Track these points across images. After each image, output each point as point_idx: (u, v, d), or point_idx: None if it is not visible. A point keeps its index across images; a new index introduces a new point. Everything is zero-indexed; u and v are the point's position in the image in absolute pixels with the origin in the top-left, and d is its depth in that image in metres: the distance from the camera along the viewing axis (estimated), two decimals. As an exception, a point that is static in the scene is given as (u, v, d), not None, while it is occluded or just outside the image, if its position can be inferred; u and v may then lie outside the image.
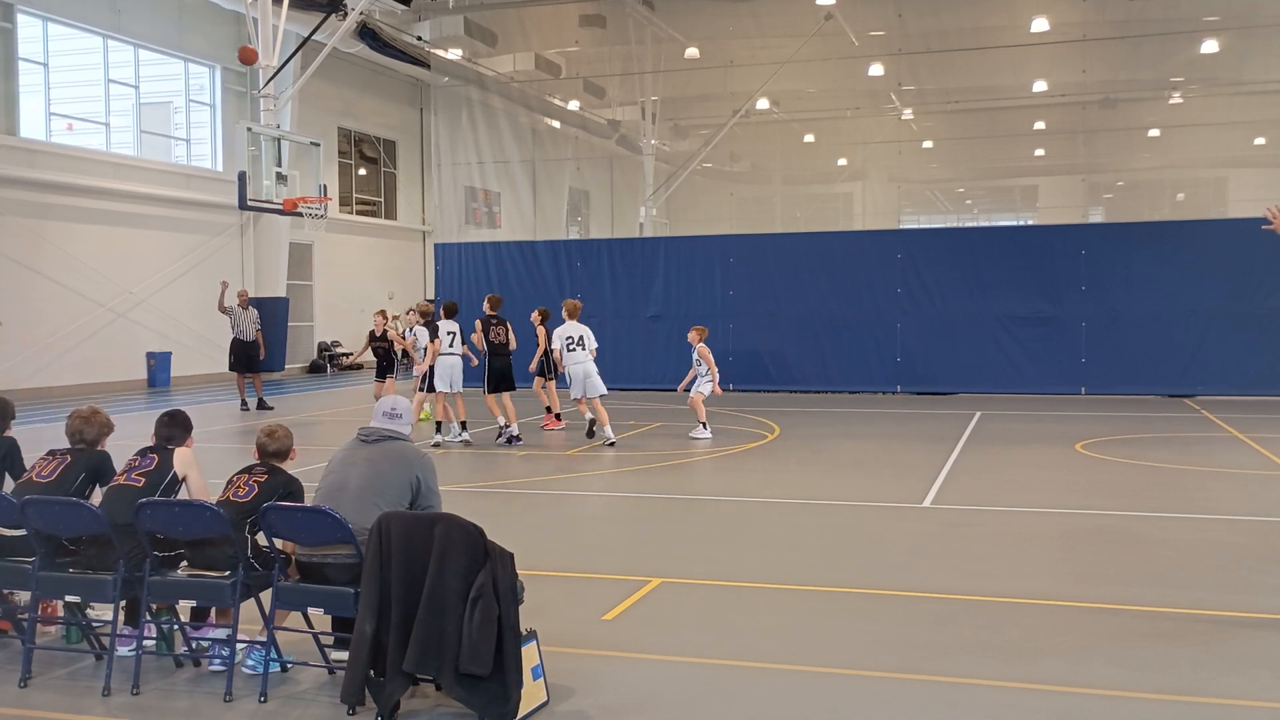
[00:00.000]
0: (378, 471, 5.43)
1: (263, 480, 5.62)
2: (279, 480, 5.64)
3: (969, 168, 39.84)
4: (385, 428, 5.64)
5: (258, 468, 5.75)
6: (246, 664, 5.52)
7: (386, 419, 5.68)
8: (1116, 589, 7.00)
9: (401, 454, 5.56)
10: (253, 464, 5.81)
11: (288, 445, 5.87)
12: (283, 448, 5.85)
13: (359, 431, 5.70)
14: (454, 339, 14.37)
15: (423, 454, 5.70)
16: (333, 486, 5.45)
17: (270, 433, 5.89)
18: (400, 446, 5.61)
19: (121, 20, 24.02)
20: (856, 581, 7.28)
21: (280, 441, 5.84)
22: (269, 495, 5.52)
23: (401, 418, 5.72)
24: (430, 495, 5.53)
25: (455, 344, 14.38)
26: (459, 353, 14.42)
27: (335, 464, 5.61)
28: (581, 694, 5.19)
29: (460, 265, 23.95)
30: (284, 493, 5.57)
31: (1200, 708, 5.02)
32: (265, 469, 5.72)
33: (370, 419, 5.73)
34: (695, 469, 12.54)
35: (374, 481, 5.38)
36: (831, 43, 28.64)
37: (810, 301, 21.54)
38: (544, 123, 34.48)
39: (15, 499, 5.60)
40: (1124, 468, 12.08)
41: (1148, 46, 28.71)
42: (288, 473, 5.75)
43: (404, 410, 5.77)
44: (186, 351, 25.33)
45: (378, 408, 5.76)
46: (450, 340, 14.33)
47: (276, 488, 5.59)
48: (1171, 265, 19.80)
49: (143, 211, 24.43)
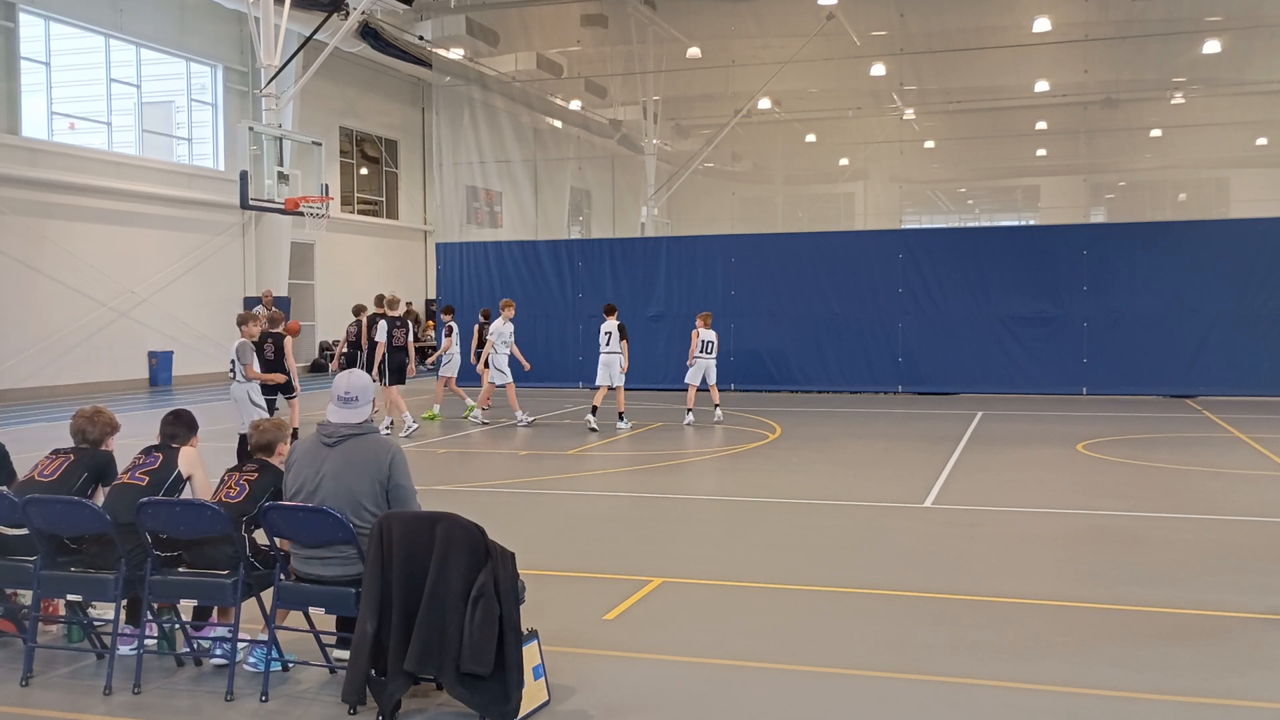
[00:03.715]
0: (343, 486, 5.20)
1: (253, 478, 5.59)
2: (269, 477, 5.60)
3: (971, 168, 39.84)
4: (344, 422, 5.34)
5: (247, 465, 5.73)
6: (248, 661, 5.53)
7: (343, 406, 5.38)
8: (1118, 589, 7.00)
9: (366, 455, 5.27)
10: (244, 463, 5.80)
11: (274, 439, 5.79)
12: (269, 440, 5.78)
13: (319, 429, 5.42)
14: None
15: (387, 445, 5.38)
16: (302, 498, 5.28)
17: (257, 426, 5.83)
18: (363, 446, 5.30)
19: (123, 19, 24.03)
20: (857, 581, 7.28)
21: (266, 435, 5.78)
22: (261, 493, 5.50)
23: (358, 400, 5.39)
24: (400, 491, 5.26)
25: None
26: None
27: (298, 466, 5.36)
28: (583, 693, 5.19)
29: (462, 265, 23.97)
30: (275, 489, 5.53)
31: (1201, 708, 5.02)
32: (255, 466, 5.69)
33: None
34: (696, 469, 12.54)
35: (341, 496, 5.18)
36: (833, 43, 28.65)
37: (812, 301, 21.54)
38: (546, 122, 34.47)
39: (17, 498, 5.61)
40: (1125, 468, 12.08)
41: (1150, 46, 28.71)
42: (277, 468, 5.68)
43: (359, 390, 5.41)
44: (188, 351, 25.33)
45: (333, 389, 5.45)
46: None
47: (267, 486, 5.56)
48: (1173, 266, 19.79)
49: (144, 211, 24.44)
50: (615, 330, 16.05)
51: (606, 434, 15.18)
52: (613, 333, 16.05)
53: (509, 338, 16.66)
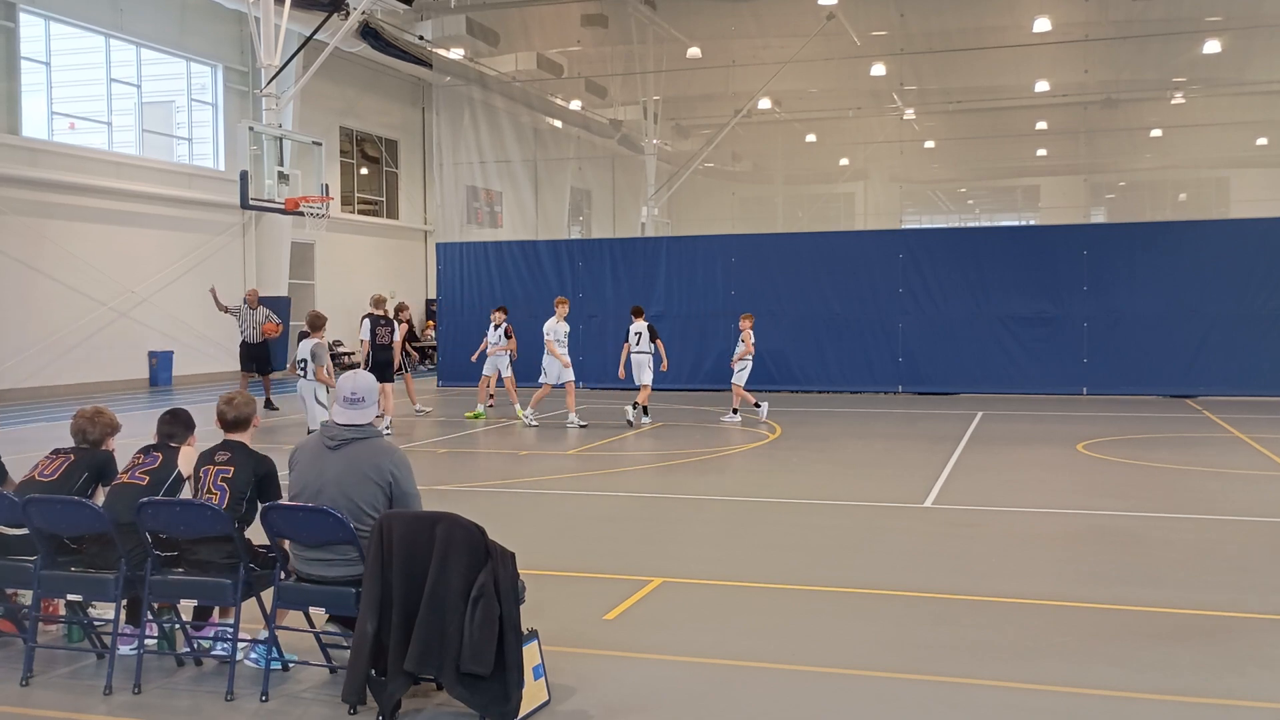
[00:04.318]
0: (345, 491, 5.20)
1: (230, 476, 5.45)
2: (246, 469, 5.47)
3: (971, 168, 39.82)
4: (348, 424, 5.33)
5: (219, 454, 5.54)
6: (249, 657, 5.53)
7: (348, 407, 5.35)
8: (1118, 589, 7.00)
9: (368, 460, 5.25)
10: (215, 449, 5.61)
11: (248, 413, 5.72)
12: (242, 415, 5.70)
13: (323, 430, 5.42)
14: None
15: (390, 450, 5.37)
16: (304, 500, 5.26)
17: (229, 400, 5.72)
18: (365, 451, 5.28)
19: (124, 19, 24.03)
20: (857, 581, 7.29)
21: (239, 409, 5.69)
22: (242, 491, 5.41)
23: (364, 401, 5.36)
24: (405, 499, 5.26)
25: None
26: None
27: (301, 468, 5.35)
28: (583, 693, 5.19)
29: (462, 265, 23.97)
30: (257, 478, 5.45)
31: (1201, 708, 5.02)
32: (226, 455, 5.52)
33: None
34: (696, 469, 12.54)
35: (343, 501, 5.17)
36: (833, 43, 28.63)
37: (812, 301, 21.54)
38: (546, 122, 34.46)
39: (17, 498, 5.61)
40: (1125, 468, 12.07)
41: (1150, 46, 28.70)
42: (256, 454, 5.56)
43: (365, 391, 5.38)
44: (188, 350, 25.32)
45: (338, 391, 5.44)
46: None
47: (248, 479, 5.44)
48: (1173, 266, 19.78)
49: (145, 211, 24.43)
50: (645, 330, 16.47)
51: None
52: (642, 333, 16.47)
53: (563, 336, 16.23)
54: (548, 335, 16.14)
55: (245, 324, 18.79)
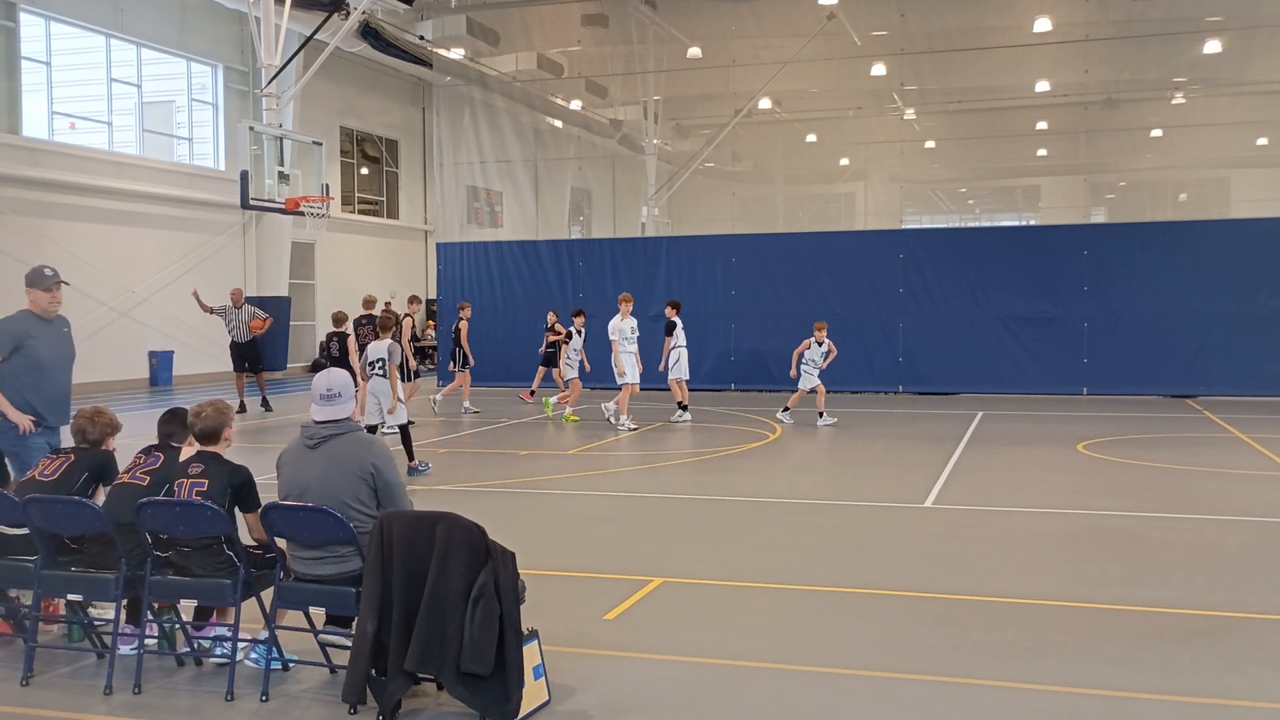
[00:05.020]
0: (330, 488, 5.20)
1: (204, 489, 5.32)
2: (220, 479, 5.35)
3: (971, 168, 39.81)
4: (326, 420, 5.31)
5: (192, 466, 5.43)
6: (250, 657, 5.53)
7: (325, 403, 5.33)
8: (1118, 589, 7.00)
9: (348, 455, 5.25)
10: (189, 461, 5.50)
11: (218, 424, 5.55)
12: (210, 427, 5.53)
13: (302, 431, 5.40)
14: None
15: (369, 442, 5.36)
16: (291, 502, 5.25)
17: (198, 413, 5.54)
18: (344, 445, 5.28)
19: (124, 19, 24.03)
20: (857, 581, 7.29)
21: (207, 421, 5.52)
22: (219, 500, 5.27)
23: (340, 396, 5.33)
24: (389, 489, 5.24)
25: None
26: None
27: (286, 471, 5.35)
28: (583, 693, 5.20)
29: (462, 265, 23.96)
30: (230, 488, 5.33)
31: (1201, 708, 5.02)
32: (203, 471, 5.39)
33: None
34: (696, 469, 12.54)
35: (329, 499, 5.15)
36: (834, 42, 28.63)
37: (812, 301, 21.50)
38: (546, 122, 34.45)
39: (17, 498, 5.61)
40: (1126, 468, 12.07)
41: (1150, 46, 28.69)
42: (230, 464, 5.46)
43: (340, 387, 5.35)
44: (188, 350, 25.33)
45: (314, 389, 5.40)
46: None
47: (223, 491, 5.32)
48: (1174, 266, 19.78)
49: (145, 210, 24.44)
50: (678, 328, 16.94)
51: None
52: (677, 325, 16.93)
53: (629, 334, 16.02)
54: (612, 335, 15.92)
55: (232, 324, 18.72)
